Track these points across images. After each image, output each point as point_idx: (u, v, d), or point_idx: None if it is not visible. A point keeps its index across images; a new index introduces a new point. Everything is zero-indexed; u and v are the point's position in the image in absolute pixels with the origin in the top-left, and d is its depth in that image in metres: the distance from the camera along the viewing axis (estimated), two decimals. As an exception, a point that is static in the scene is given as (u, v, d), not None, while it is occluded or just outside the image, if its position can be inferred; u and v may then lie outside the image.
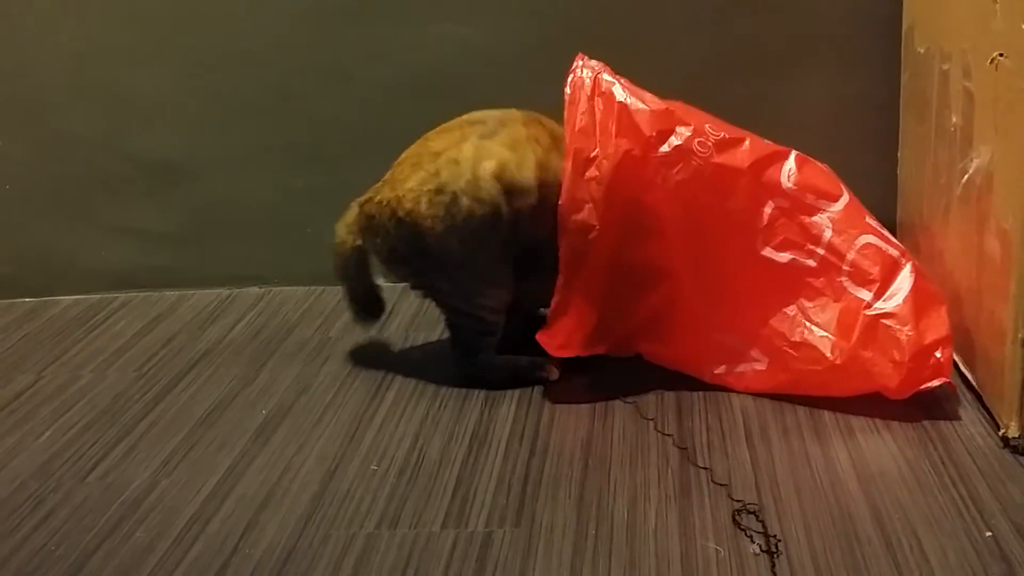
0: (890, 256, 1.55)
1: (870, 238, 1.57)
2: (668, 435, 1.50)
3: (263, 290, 2.23)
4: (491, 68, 2.09)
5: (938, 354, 1.50)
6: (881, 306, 1.52)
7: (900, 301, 1.52)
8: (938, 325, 1.52)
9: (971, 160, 1.47)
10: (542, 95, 2.08)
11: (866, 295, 1.54)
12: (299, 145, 2.18)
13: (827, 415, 1.52)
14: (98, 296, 2.26)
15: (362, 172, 2.16)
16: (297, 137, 2.17)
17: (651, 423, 1.53)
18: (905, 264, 1.55)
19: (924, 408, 1.51)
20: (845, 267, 1.55)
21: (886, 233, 1.59)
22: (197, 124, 2.18)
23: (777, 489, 1.34)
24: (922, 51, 1.77)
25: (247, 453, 1.56)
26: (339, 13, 2.08)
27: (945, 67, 1.62)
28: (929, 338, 1.50)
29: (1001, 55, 1.35)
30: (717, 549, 1.23)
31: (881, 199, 1.98)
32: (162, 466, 1.54)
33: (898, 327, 1.50)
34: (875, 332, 1.52)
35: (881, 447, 1.43)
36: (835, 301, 1.56)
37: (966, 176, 1.48)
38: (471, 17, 2.07)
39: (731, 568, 1.20)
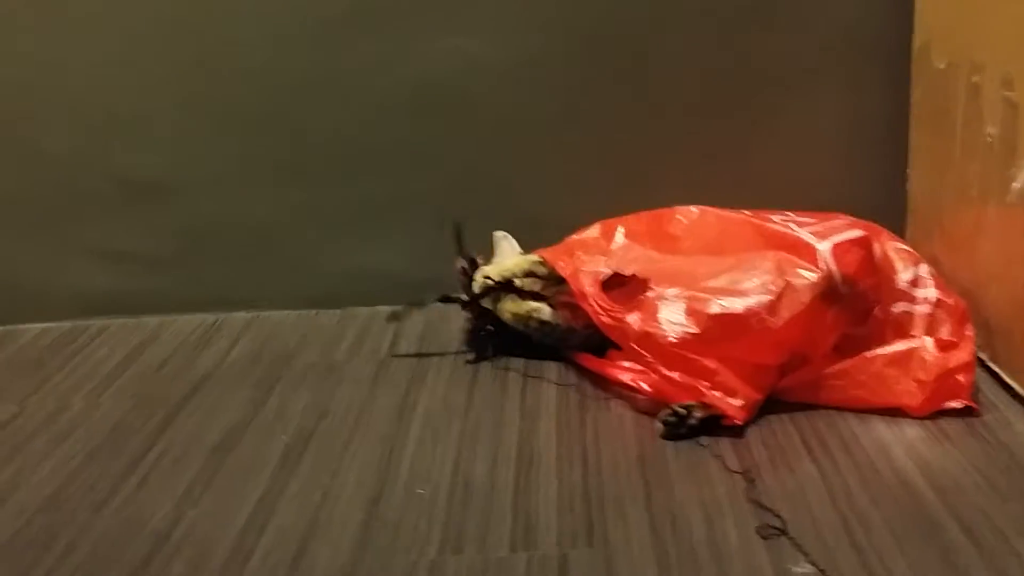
0: (921, 315, 1.59)
1: (902, 305, 1.60)
2: (719, 456, 1.45)
3: (251, 315, 2.12)
4: (494, 83, 2.03)
5: (960, 377, 1.53)
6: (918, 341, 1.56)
7: (935, 339, 1.56)
8: (964, 350, 1.55)
9: (1020, 169, 1.47)
10: (546, 110, 2.06)
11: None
12: (291, 162, 2.08)
13: (881, 426, 1.50)
14: (70, 323, 2.12)
15: (356, 191, 2.10)
16: (289, 154, 2.08)
17: (706, 448, 1.47)
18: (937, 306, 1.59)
19: (977, 417, 1.50)
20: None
21: (915, 291, 1.61)
22: (181, 139, 2.07)
23: (854, 503, 1.30)
24: (942, 66, 1.78)
25: (277, 480, 1.45)
26: (335, 25, 2.01)
27: (975, 79, 1.63)
28: (954, 362, 1.53)
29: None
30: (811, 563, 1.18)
31: (891, 215, 1.99)
32: (185, 496, 1.42)
33: (927, 350, 1.53)
34: (904, 355, 1.54)
35: (946, 457, 1.40)
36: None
37: (1018, 184, 1.48)
38: (474, 31, 2.01)
39: (828, 583, 1.15)
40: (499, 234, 1.91)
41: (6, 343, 2.06)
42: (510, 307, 1.80)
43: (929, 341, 1.54)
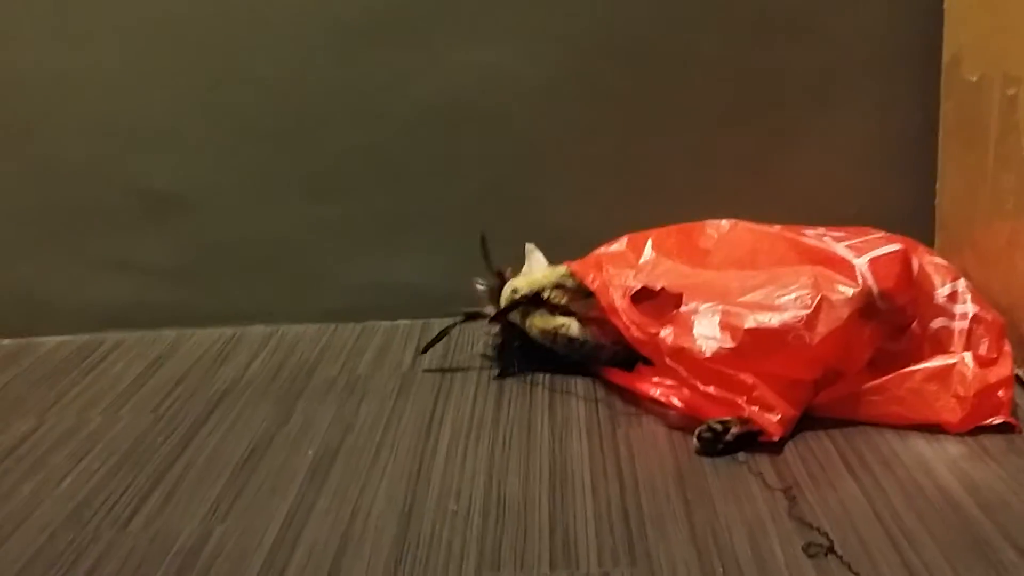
0: (959, 331, 1.58)
1: (940, 321, 1.59)
2: (759, 474, 1.42)
3: (270, 328, 2.09)
4: (517, 95, 2.01)
5: (1000, 393, 1.50)
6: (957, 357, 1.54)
7: (974, 355, 1.54)
8: (1003, 366, 1.54)
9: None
10: (570, 122, 2.04)
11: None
12: (311, 175, 2.06)
13: (921, 443, 1.47)
14: (87, 336, 2.09)
15: (378, 205, 2.07)
16: (309, 167, 2.05)
17: (744, 464, 1.44)
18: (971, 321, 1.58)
19: (1017, 434, 1.47)
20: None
21: (953, 307, 1.60)
22: (199, 150, 2.05)
23: (901, 521, 1.27)
24: (974, 79, 1.76)
25: (305, 496, 1.42)
26: (357, 36, 1.98)
27: (1011, 92, 1.61)
28: (993, 377, 1.51)
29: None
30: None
31: (919, 228, 1.95)
32: (211, 512, 1.39)
33: (966, 365, 1.51)
34: (943, 370, 1.52)
35: (989, 474, 1.37)
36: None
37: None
38: (496, 43, 1.99)
39: (880, 603, 1.12)
40: (530, 246, 1.89)
41: (23, 356, 2.03)
42: (538, 323, 1.77)
43: (968, 356, 1.51)
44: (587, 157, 2.05)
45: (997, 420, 1.48)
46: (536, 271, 1.85)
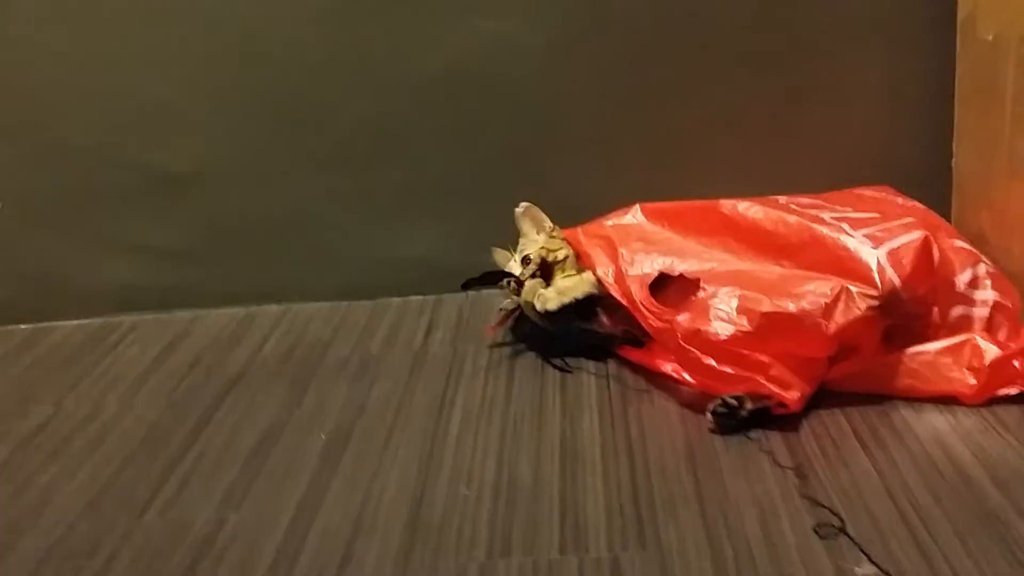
0: (979, 318, 1.54)
1: (960, 309, 1.55)
2: (768, 452, 1.41)
3: (283, 307, 2.09)
4: (528, 65, 1.99)
5: (1016, 363, 1.48)
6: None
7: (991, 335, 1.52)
8: (1020, 337, 1.51)
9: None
10: (579, 91, 2.01)
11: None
12: (321, 150, 2.05)
13: (936, 417, 1.45)
14: (101, 320, 2.11)
15: (387, 178, 2.06)
16: (318, 142, 2.04)
17: (756, 442, 1.43)
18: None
19: (1035, 405, 1.46)
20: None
21: (973, 294, 1.56)
22: (208, 130, 2.04)
23: (913, 498, 1.26)
24: (990, 38, 1.72)
25: (317, 482, 1.43)
26: (361, 8, 1.96)
27: (1027, 52, 1.57)
28: (1009, 348, 1.48)
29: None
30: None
31: (935, 189, 1.93)
32: (225, 500, 1.40)
33: (982, 338, 1.49)
34: (958, 344, 1.50)
35: (1005, 447, 1.36)
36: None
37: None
38: (501, 11, 1.96)
39: (891, 584, 1.12)
40: (519, 210, 1.85)
41: (39, 340, 2.04)
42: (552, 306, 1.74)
43: (984, 334, 1.49)
44: (596, 124, 2.02)
45: (1013, 390, 1.46)
46: (532, 241, 1.83)
